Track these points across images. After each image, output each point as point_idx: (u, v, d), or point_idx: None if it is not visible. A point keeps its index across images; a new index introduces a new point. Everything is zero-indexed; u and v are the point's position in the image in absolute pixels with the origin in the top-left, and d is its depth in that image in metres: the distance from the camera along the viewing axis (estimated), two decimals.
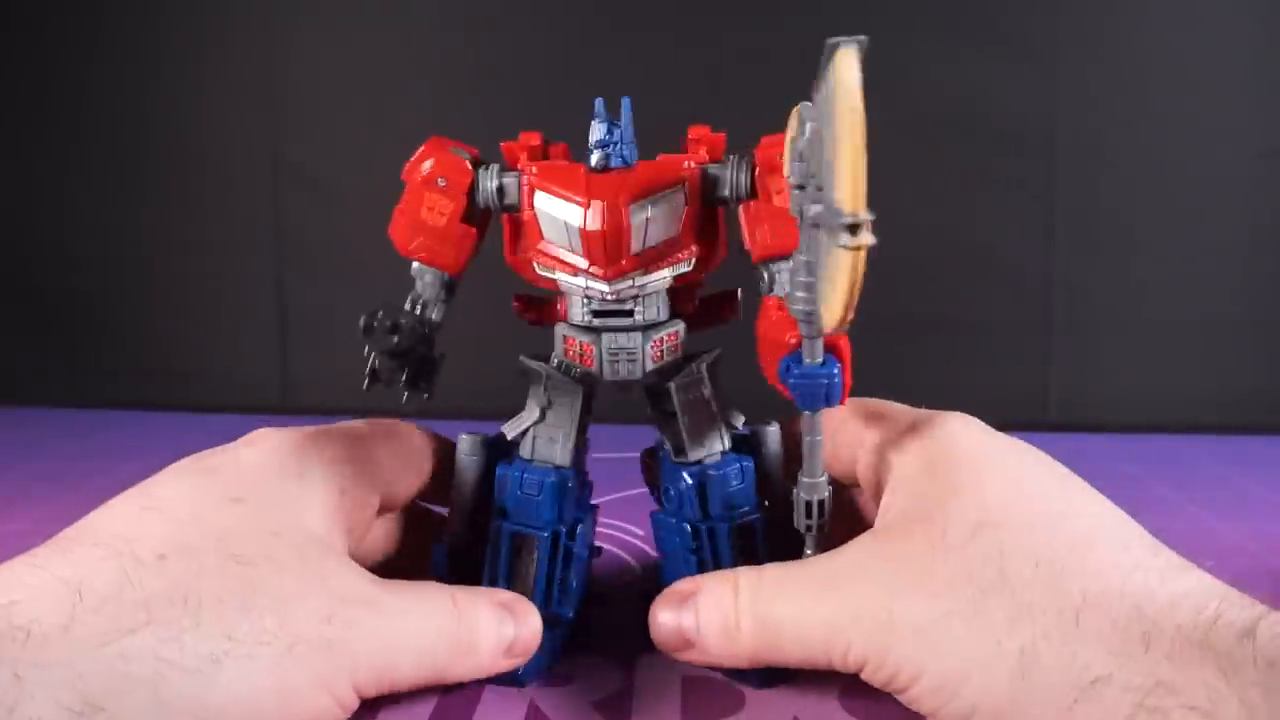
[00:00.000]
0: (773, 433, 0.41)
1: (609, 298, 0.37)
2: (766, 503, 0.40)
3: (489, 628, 0.36)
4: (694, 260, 0.38)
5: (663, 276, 0.38)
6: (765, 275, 0.38)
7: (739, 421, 0.40)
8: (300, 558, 0.32)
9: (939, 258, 0.90)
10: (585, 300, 0.38)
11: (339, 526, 0.36)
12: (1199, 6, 0.88)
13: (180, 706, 0.28)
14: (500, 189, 0.39)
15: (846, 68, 0.28)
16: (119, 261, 1.01)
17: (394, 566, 0.41)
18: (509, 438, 0.40)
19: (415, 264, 0.39)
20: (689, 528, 0.39)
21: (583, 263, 0.37)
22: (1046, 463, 0.35)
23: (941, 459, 0.35)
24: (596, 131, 0.38)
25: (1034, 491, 0.33)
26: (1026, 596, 0.29)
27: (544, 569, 0.39)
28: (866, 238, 0.28)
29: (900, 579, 0.32)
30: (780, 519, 0.39)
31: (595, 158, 0.38)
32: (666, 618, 0.36)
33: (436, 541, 0.41)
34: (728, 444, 0.40)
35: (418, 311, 0.39)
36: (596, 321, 0.38)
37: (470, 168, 0.39)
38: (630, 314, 0.38)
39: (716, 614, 0.35)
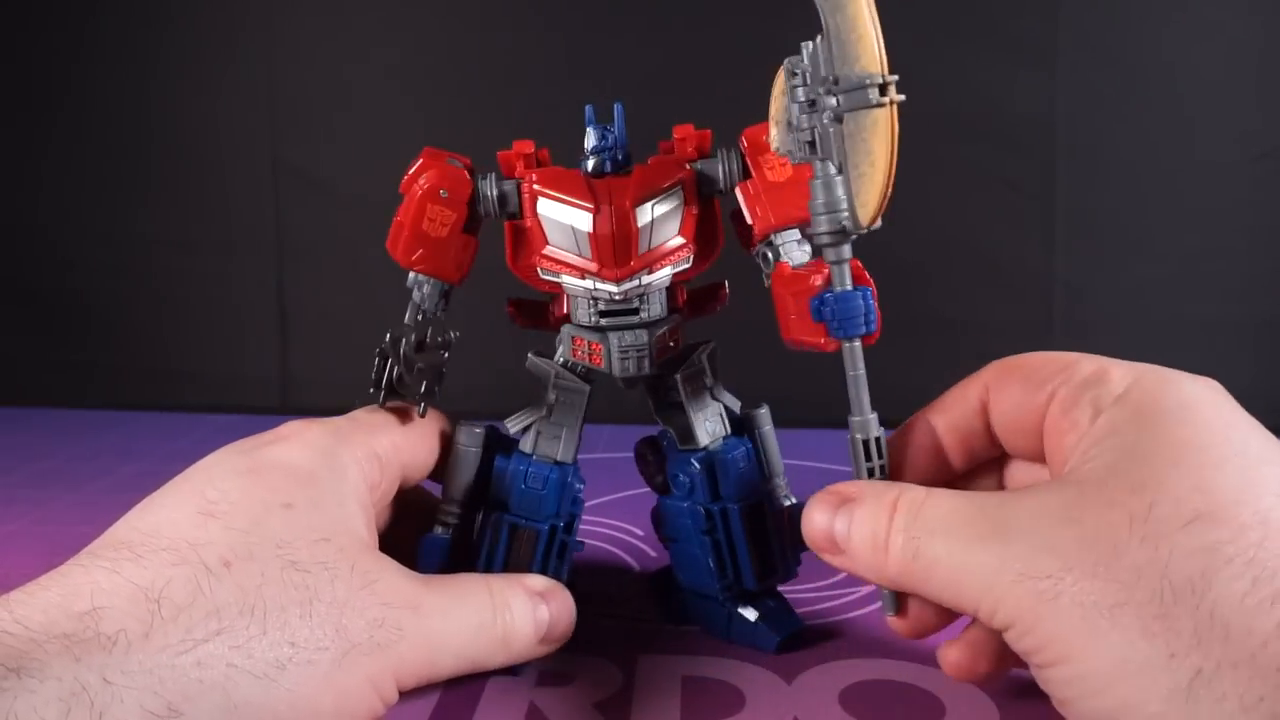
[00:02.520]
0: (764, 414, 0.43)
1: (617, 298, 0.39)
2: (768, 480, 0.43)
3: (524, 618, 0.37)
4: (691, 257, 0.39)
5: (665, 275, 0.39)
6: (768, 252, 0.39)
7: (736, 406, 0.43)
8: (349, 563, 0.33)
9: (939, 258, 0.90)
10: (591, 301, 0.39)
11: (371, 519, 0.37)
12: (1199, 6, 0.88)
13: (248, 711, 0.29)
14: (501, 197, 0.40)
15: None
16: (119, 262, 1.01)
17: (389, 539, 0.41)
18: (511, 432, 0.41)
19: (413, 274, 0.40)
20: (702, 511, 0.41)
21: (592, 265, 0.38)
22: None
23: (1167, 416, 0.29)
24: (591, 138, 0.39)
25: (1277, 486, 0.27)
26: (1228, 614, 0.25)
27: (540, 562, 0.40)
28: (897, 95, 0.30)
29: (1082, 550, 0.27)
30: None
31: (591, 163, 0.39)
32: (820, 519, 0.34)
33: (426, 532, 0.41)
34: (728, 428, 0.42)
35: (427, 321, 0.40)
36: (604, 321, 0.39)
37: (469, 178, 0.40)
38: (636, 312, 0.39)
39: (869, 529, 0.33)
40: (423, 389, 0.39)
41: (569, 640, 0.39)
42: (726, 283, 0.43)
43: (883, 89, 0.30)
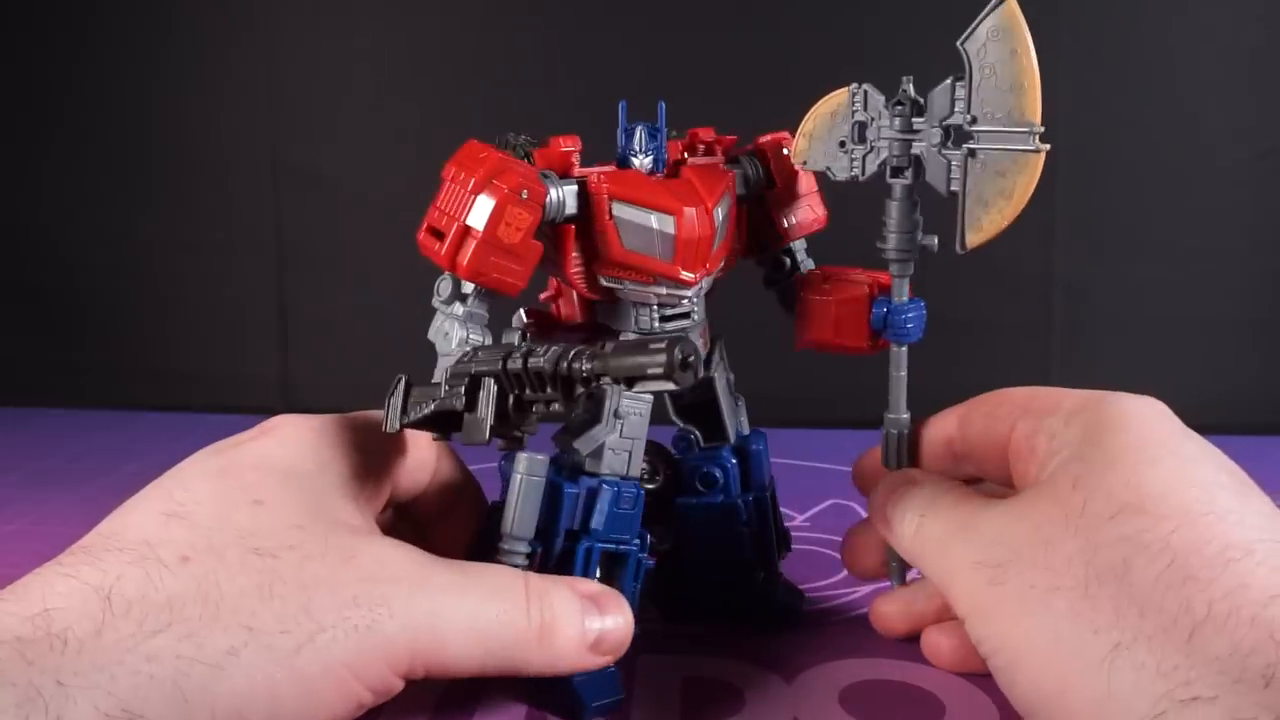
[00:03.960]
0: (740, 405, 0.44)
1: (693, 300, 0.39)
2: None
3: (569, 617, 0.34)
4: (726, 258, 0.40)
5: (714, 275, 0.40)
6: (785, 258, 0.42)
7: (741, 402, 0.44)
8: (322, 544, 0.32)
9: (938, 257, 0.90)
10: (655, 308, 0.39)
11: (361, 507, 0.36)
12: (1199, 6, 0.88)
13: (202, 700, 0.28)
14: (571, 198, 0.37)
15: (1016, 8, 0.36)
16: (119, 262, 1.01)
17: None
18: (585, 454, 0.37)
19: (450, 286, 0.36)
20: (740, 504, 0.42)
21: (674, 268, 0.38)
22: (1228, 465, 0.32)
23: (1107, 430, 0.33)
24: (642, 136, 0.38)
25: (1204, 482, 0.30)
26: (1144, 593, 0.28)
27: (631, 585, 0.38)
28: (1043, 144, 0.35)
29: (1026, 542, 0.31)
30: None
31: (647, 162, 0.38)
32: (881, 494, 0.39)
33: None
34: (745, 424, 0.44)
35: (483, 341, 0.36)
36: (669, 326, 0.39)
37: (540, 177, 0.36)
38: (688, 315, 0.40)
39: (904, 508, 0.37)
40: (535, 416, 0.35)
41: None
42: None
43: (1038, 136, 0.34)
